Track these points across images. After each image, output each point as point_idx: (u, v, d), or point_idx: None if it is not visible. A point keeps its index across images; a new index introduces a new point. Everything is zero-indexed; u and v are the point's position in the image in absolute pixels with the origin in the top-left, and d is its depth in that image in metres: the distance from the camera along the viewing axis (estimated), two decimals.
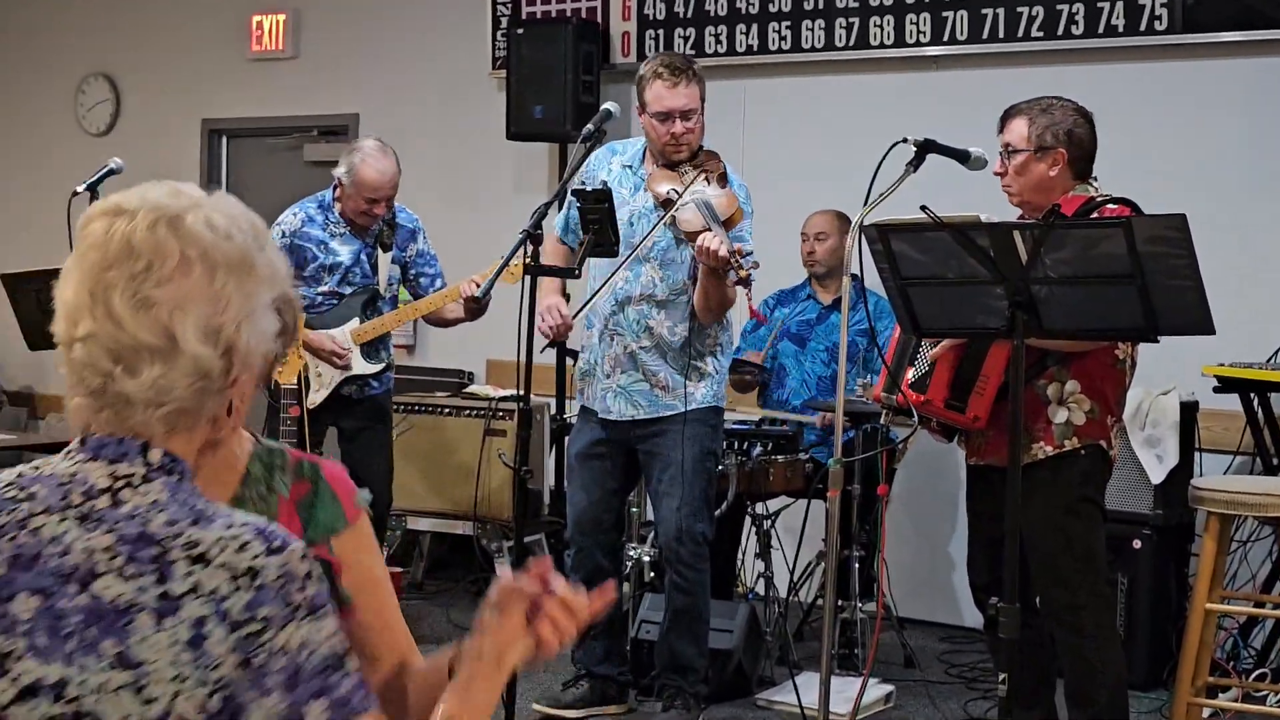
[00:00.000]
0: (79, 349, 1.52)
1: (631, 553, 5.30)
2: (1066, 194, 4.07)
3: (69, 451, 1.55)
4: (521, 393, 4.17)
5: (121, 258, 1.52)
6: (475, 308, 5.13)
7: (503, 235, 5.25)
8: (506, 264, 4.37)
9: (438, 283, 5.53)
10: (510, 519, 5.51)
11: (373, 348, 5.43)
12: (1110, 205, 3.96)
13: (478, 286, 4.97)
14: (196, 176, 8.29)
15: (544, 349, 4.62)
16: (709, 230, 4.46)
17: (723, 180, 4.71)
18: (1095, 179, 4.15)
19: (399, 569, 6.39)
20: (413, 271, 5.54)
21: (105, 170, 5.52)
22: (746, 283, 4.41)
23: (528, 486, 4.21)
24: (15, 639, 1.46)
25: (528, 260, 4.23)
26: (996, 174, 4.15)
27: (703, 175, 4.67)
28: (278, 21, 8.10)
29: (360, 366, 5.39)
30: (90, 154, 7.76)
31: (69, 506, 1.50)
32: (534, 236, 4.22)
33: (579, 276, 4.59)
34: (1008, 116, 4.16)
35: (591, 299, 4.68)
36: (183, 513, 1.51)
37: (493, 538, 6.36)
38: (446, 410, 6.57)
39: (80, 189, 5.42)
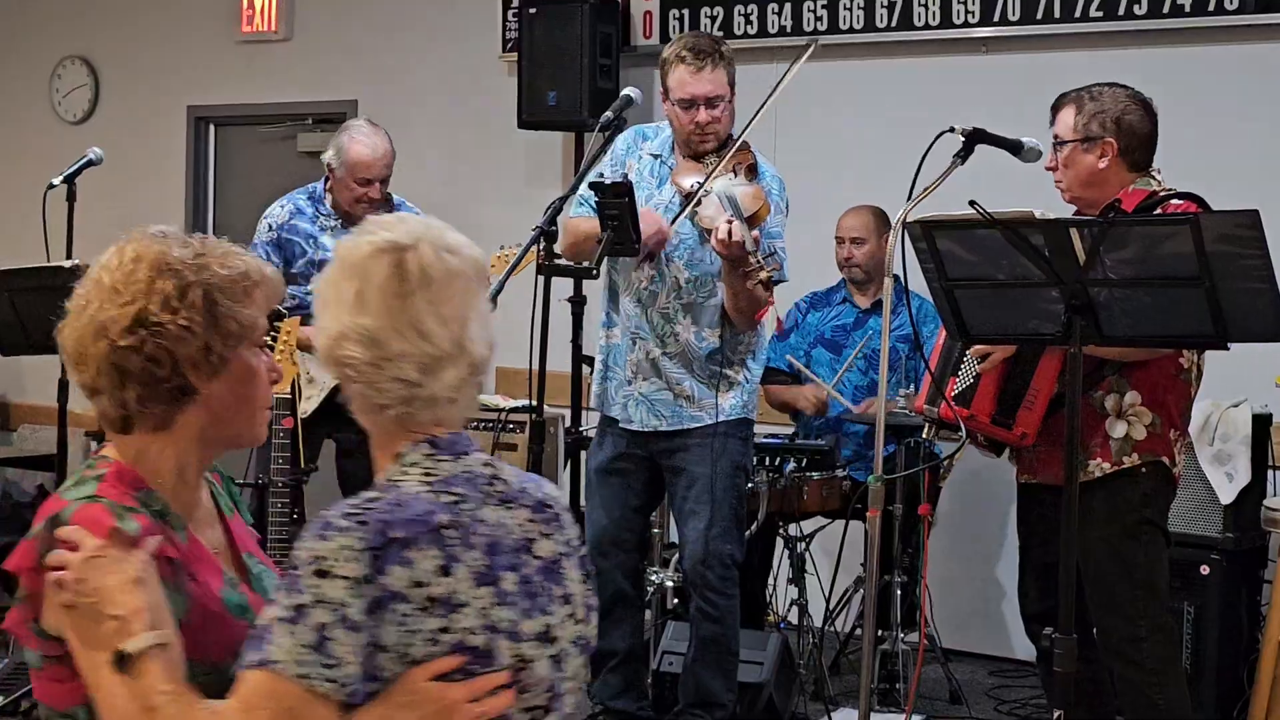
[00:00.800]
0: (390, 366, 1.98)
1: (653, 577, 5.30)
2: (1125, 188, 4.07)
3: (429, 454, 2.01)
4: (534, 403, 4.18)
5: (421, 285, 1.99)
6: None
7: (514, 231, 5.26)
8: (518, 263, 4.38)
9: None
10: None
11: None
12: (1175, 201, 3.95)
13: None
14: (182, 168, 8.33)
15: None
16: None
17: (752, 172, 4.69)
18: (1158, 171, 4.14)
19: None
20: None
21: (84, 161, 5.55)
22: (768, 285, 4.39)
23: None
24: (514, 609, 1.99)
25: (541, 259, 4.24)
26: (1048, 169, 4.15)
27: (730, 167, 4.65)
28: (269, 0, 8.13)
29: None
30: (67, 143, 7.79)
31: (488, 496, 2.03)
32: (548, 233, 4.22)
33: (596, 276, 4.60)
34: (1057, 106, 4.16)
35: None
36: (524, 478, 2.12)
37: None
38: None
39: (57, 181, 5.45)
